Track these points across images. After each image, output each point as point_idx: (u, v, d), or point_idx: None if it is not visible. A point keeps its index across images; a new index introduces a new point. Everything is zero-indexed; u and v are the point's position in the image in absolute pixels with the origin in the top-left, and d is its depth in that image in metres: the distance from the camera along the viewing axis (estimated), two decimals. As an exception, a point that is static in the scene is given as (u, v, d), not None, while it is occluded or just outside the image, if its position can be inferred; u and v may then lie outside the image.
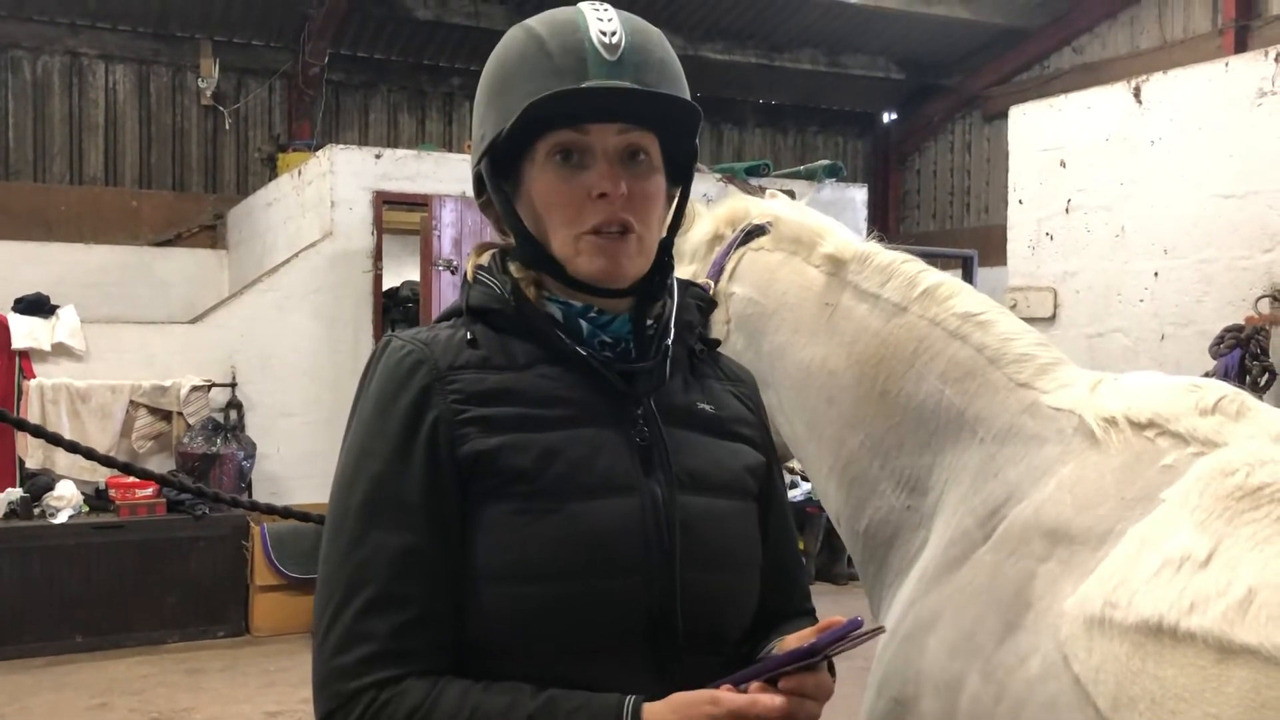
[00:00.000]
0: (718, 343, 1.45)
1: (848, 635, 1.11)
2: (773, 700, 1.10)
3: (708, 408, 1.34)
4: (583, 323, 1.27)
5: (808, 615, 1.41)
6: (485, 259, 1.34)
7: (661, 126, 1.27)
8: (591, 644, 1.17)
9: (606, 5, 1.27)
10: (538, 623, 1.16)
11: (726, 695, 1.12)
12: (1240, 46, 9.18)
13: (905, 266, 1.76)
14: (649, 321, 1.30)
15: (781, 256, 1.96)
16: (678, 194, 1.36)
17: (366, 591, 1.16)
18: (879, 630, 1.17)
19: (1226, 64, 5.17)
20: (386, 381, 1.22)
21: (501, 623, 1.17)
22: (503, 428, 1.19)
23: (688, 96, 1.27)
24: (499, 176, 1.28)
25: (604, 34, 1.23)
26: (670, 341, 1.29)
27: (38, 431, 4.21)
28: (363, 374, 1.27)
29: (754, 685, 1.12)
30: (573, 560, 1.17)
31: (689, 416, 1.31)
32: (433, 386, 1.20)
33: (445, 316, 1.32)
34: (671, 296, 1.33)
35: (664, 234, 1.31)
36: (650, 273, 1.28)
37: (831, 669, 1.20)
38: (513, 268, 1.30)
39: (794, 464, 2.01)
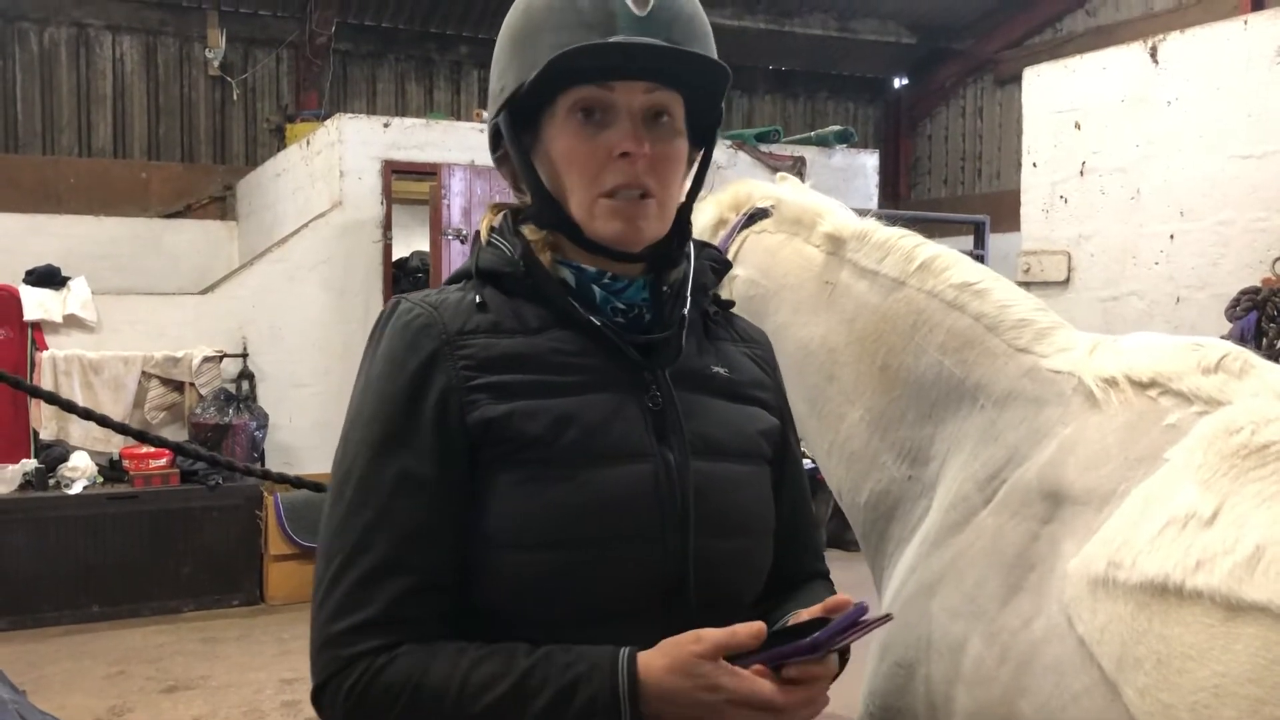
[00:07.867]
0: (731, 304, 1.43)
1: (854, 624, 1.08)
2: (750, 628, 1.08)
3: (722, 371, 1.31)
4: (595, 289, 1.24)
5: (820, 577, 1.40)
6: (497, 220, 1.30)
7: (688, 88, 1.23)
8: (604, 611, 1.15)
9: None
10: (550, 590, 1.15)
11: (709, 631, 1.09)
12: (1258, 5, 9.03)
13: (902, 241, 1.74)
14: (664, 288, 1.27)
15: (783, 238, 1.95)
16: (698, 158, 1.33)
17: (368, 558, 1.14)
18: (886, 619, 1.15)
19: (1245, 22, 5.08)
20: (394, 345, 1.19)
21: (514, 590, 1.15)
22: (514, 394, 1.17)
23: (715, 57, 1.23)
24: (517, 131, 1.24)
25: None
26: (686, 310, 1.27)
27: (52, 398, 4.21)
28: (370, 335, 1.24)
29: (755, 669, 1.08)
30: (586, 527, 1.15)
31: (702, 380, 1.28)
32: (441, 351, 1.18)
33: (456, 278, 1.29)
34: (689, 260, 1.30)
35: (683, 199, 1.28)
36: (668, 237, 1.26)
37: (844, 654, 1.18)
38: (526, 230, 1.26)
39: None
